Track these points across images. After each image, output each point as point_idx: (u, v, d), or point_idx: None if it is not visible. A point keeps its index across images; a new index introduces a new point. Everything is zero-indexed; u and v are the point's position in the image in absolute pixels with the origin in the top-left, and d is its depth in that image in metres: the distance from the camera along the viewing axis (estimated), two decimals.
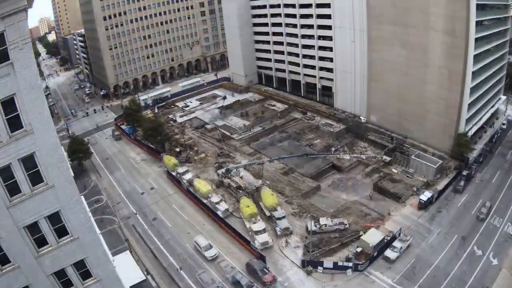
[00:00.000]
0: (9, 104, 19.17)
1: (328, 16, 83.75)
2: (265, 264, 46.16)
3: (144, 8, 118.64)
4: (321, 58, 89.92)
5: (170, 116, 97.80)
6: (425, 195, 54.60)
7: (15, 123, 19.50)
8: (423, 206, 53.82)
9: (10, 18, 18.16)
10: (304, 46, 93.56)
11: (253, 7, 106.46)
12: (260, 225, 51.30)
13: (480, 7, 59.65)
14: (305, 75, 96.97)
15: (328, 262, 45.50)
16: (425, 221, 52.25)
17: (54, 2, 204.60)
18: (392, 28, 67.89)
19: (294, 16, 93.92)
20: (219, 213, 55.81)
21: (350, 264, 44.88)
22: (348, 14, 78.18)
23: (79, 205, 22.74)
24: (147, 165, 75.34)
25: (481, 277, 42.37)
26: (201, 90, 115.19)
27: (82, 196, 25.87)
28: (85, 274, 23.74)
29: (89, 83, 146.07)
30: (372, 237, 47.16)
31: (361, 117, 79.23)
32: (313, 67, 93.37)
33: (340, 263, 45.30)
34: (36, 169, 20.57)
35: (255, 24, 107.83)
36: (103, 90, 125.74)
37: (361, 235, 48.53)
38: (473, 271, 43.34)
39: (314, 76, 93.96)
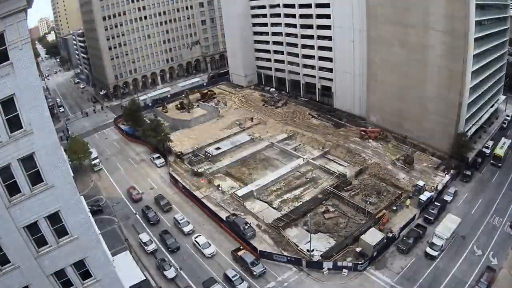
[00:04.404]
0: (9, 104, 19.19)
1: (328, 16, 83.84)
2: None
3: (144, 8, 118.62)
4: (321, 58, 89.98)
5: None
6: (425, 195, 54.56)
7: (14, 123, 19.52)
8: (423, 206, 53.85)
9: (10, 18, 18.17)
10: (304, 46, 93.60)
11: (253, 7, 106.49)
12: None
13: (480, 7, 59.71)
14: (304, 75, 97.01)
15: (327, 263, 45.50)
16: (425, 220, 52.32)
17: (53, 2, 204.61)
18: (392, 28, 67.92)
19: (293, 16, 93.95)
20: None
21: (350, 265, 44.90)
22: (348, 14, 78.25)
23: (79, 205, 22.74)
24: (147, 165, 75.34)
25: (481, 277, 42.27)
26: (200, 90, 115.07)
27: (82, 196, 25.87)
28: (85, 274, 23.74)
29: (88, 83, 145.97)
30: (372, 237, 47.16)
31: None
32: (312, 67, 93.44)
33: (339, 264, 45.30)
34: (36, 169, 20.57)
35: (254, 24, 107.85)
36: (102, 90, 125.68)
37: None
38: (473, 271, 43.38)
39: (314, 76, 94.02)
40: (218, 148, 75.57)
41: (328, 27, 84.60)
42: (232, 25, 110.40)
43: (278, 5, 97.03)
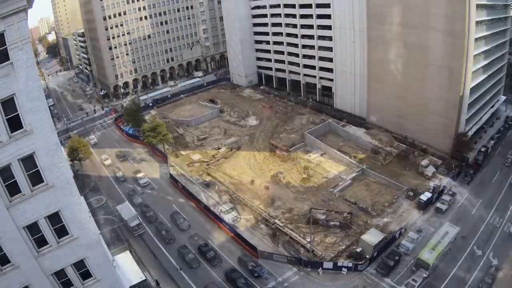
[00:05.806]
0: (9, 104, 19.16)
1: (328, 16, 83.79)
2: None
3: (144, 8, 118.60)
4: (321, 58, 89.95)
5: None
6: (425, 195, 54.54)
7: (15, 123, 19.49)
8: (423, 206, 53.79)
9: (10, 18, 18.15)
10: (304, 46, 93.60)
11: (253, 7, 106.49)
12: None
13: (480, 7, 59.71)
14: (305, 75, 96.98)
15: (327, 263, 45.50)
16: (426, 220, 52.30)
17: (54, 2, 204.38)
18: (392, 28, 67.90)
19: (294, 16, 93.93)
20: None
21: (350, 265, 44.88)
22: (348, 14, 78.23)
23: (79, 205, 22.73)
24: (147, 165, 75.35)
25: (481, 277, 42.32)
26: (201, 90, 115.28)
27: (82, 196, 25.86)
28: (85, 274, 23.72)
29: (88, 83, 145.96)
30: (373, 237, 47.14)
31: None
32: (313, 67, 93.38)
33: (339, 264, 45.29)
34: (36, 169, 20.54)
35: (255, 24, 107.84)
36: (103, 90, 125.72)
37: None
38: (473, 271, 43.35)
39: (314, 76, 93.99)
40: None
41: (328, 27, 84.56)
42: (233, 25, 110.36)
43: (278, 5, 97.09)
